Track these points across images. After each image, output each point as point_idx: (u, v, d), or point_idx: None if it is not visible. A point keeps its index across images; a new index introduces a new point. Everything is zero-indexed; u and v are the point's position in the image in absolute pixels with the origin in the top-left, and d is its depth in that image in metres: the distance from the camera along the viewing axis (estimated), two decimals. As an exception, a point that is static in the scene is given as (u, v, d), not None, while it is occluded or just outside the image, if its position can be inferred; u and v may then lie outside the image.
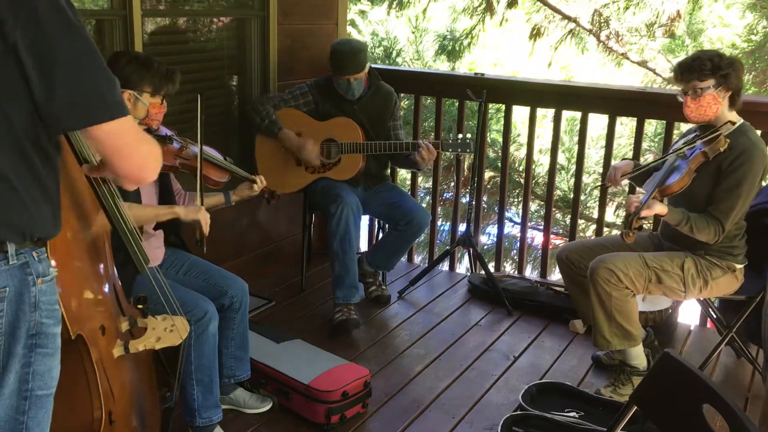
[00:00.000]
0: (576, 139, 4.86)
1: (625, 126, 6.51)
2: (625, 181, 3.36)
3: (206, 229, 2.53)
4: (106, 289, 1.91)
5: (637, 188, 3.31)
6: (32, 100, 1.29)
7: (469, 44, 8.40)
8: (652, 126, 6.28)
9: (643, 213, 2.73)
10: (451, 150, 3.56)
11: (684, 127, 4.08)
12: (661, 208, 2.77)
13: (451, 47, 8.48)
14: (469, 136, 3.56)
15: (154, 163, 1.43)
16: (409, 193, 4.37)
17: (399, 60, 7.97)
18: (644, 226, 2.96)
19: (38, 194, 1.36)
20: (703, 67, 2.74)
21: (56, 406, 1.47)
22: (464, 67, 9.17)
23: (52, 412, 1.46)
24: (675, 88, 2.90)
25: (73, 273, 1.66)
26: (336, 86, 3.59)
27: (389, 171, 3.95)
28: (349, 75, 3.51)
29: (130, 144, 1.37)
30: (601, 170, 4.21)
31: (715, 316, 3.29)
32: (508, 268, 6.49)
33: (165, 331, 1.95)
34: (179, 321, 2.01)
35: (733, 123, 2.80)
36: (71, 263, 1.66)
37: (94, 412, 1.71)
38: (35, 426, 1.42)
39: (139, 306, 1.98)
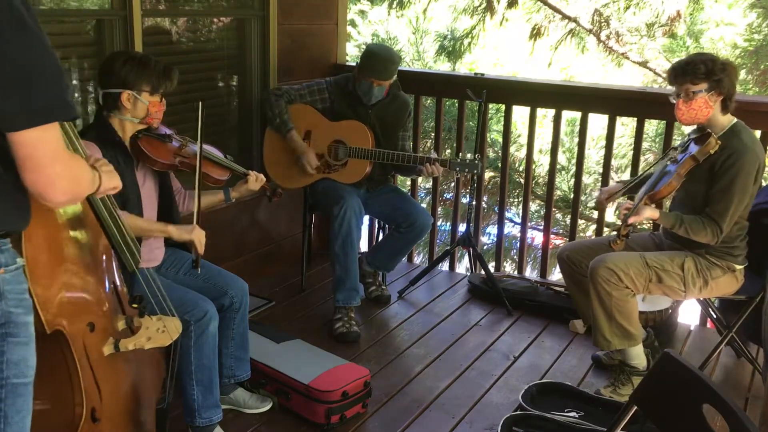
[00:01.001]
0: (576, 139, 4.86)
1: (626, 126, 6.51)
2: (625, 180, 3.36)
3: (201, 248, 2.51)
4: (105, 287, 1.90)
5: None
6: None
7: (469, 44, 8.39)
8: (652, 126, 6.28)
9: (631, 220, 2.75)
10: (458, 169, 3.50)
11: (685, 129, 4.07)
12: (651, 213, 2.78)
13: (451, 47, 8.47)
14: (478, 156, 3.54)
15: (66, 186, 1.38)
16: (410, 193, 4.37)
17: (399, 60, 7.96)
18: (646, 226, 2.98)
19: None
20: (697, 71, 2.76)
21: (38, 398, 1.47)
22: (464, 67, 9.17)
23: (32, 400, 1.46)
24: (670, 88, 2.92)
25: (57, 271, 1.65)
26: (357, 86, 3.56)
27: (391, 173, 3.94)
28: (375, 79, 3.49)
29: (44, 159, 1.32)
30: (601, 170, 4.20)
31: (715, 316, 3.29)
32: (508, 268, 6.49)
33: (157, 332, 1.95)
34: (171, 322, 2.00)
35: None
36: (56, 261, 1.65)
37: (75, 408, 1.71)
38: (15, 414, 1.42)
39: (134, 305, 1.97)
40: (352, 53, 8.81)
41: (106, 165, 1.71)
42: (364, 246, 4.43)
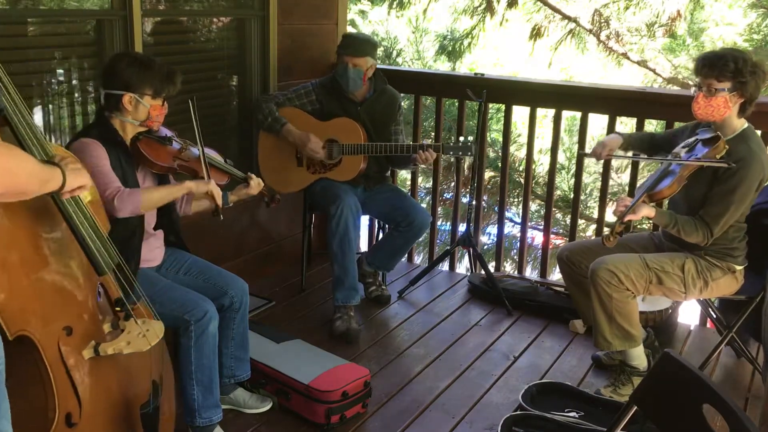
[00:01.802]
0: (576, 139, 4.86)
1: (626, 126, 6.51)
2: (626, 179, 3.36)
3: (219, 199, 2.56)
4: (96, 290, 1.88)
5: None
6: None
7: (469, 44, 8.40)
8: (652, 126, 6.27)
9: (628, 218, 2.71)
10: (452, 153, 3.52)
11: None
12: (648, 211, 2.76)
13: (451, 47, 8.48)
14: (470, 139, 3.54)
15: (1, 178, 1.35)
16: (409, 193, 4.37)
17: (399, 60, 7.97)
18: (645, 226, 2.97)
19: None
20: (725, 68, 2.68)
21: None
22: (464, 67, 9.17)
23: (6, 392, 1.44)
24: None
25: (17, 274, 1.62)
26: (336, 74, 3.58)
27: (389, 172, 3.94)
28: (349, 55, 3.50)
29: None
30: (601, 170, 4.19)
31: (715, 316, 3.29)
32: (508, 268, 6.49)
33: (138, 336, 1.91)
34: (154, 326, 1.97)
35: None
36: (15, 264, 1.61)
37: (48, 413, 1.69)
38: None
39: (117, 308, 1.96)
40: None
41: (74, 163, 1.68)
42: (364, 246, 4.43)
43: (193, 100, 2.55)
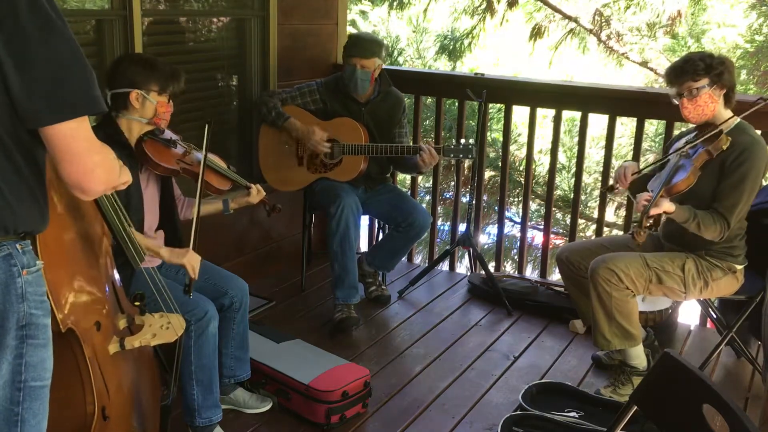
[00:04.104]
0: (576, 139, 4.86)
1: (626, 126, 6.51)
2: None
3: (194, 274, 2.42)
4: (105, 287, 1.91)
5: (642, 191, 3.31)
6: (9, 95, 1.28)
7: (469, 44, 8.41)
8: (652, 126, 6.28)
9: (652, 211, 2.72)
10: (452, 155, 3.53)
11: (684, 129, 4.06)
12: (668, 206, 2.77)
13: (451, 47, 8.48)
14: (471, 141, 3.54)
15: (103, 174, 1.40)
16: (409, 193, 4.37)
17: (400, 60, 7.97)
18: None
19: (21, 189, 1.37)
20: (696, 68, 2.75)
21: (49, 399, 1.48)
22: (465, 67, 9.18)
23: (48, 404, 1.46)
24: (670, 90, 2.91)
25: (67, 271, 1.67)
26: (343, 74, 3.57)
27: (390, 172, 3.94)
28: (356, 56, 3.48)
29: (81, 150, 1.35)
30: (601, 170, 4.19)
31: (715, 316, 3.29)
32: (508, 268, 6.49)
33: (161, 328, 1.96)
34: (175, 318, 2.02)
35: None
36: (65, 261, 1.66)
37: (87, 407, 1.72)
38: (31, 417, 1.43)
39: (136, 303, 1.99)
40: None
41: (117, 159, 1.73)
42: (364, 246, 4.43)
43: (210, 124, 2.53)
